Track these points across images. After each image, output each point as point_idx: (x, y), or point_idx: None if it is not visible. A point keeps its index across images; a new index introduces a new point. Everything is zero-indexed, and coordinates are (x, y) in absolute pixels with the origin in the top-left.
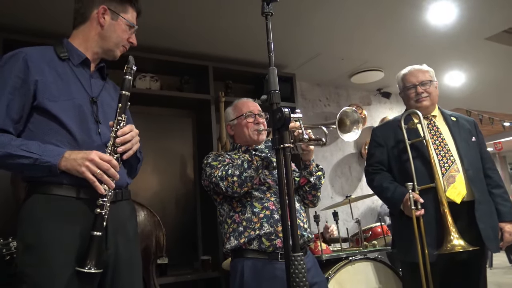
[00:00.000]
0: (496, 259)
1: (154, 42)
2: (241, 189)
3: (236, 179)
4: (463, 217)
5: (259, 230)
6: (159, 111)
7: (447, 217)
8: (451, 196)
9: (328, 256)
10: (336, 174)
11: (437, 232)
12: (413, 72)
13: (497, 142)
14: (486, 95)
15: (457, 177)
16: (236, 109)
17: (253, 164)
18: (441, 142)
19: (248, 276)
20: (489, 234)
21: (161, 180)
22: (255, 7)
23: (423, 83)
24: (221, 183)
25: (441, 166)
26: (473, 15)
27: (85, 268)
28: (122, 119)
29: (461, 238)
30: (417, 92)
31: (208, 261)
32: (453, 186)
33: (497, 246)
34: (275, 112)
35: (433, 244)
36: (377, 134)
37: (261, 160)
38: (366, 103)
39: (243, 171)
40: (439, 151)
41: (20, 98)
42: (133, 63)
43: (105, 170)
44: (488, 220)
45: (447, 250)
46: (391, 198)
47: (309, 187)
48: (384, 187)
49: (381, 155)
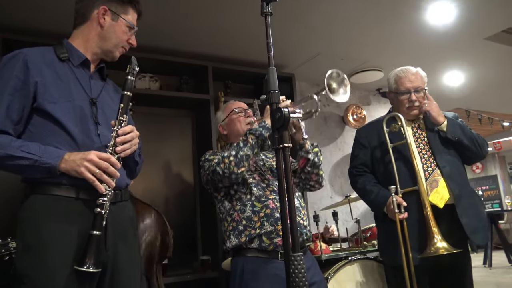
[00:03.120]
0: (495, 258)
1: (153, 42)
2: (238, 168)
3: (232, 159)
4: (447, 220)
5: (260, 229)
6: (158, 111)
7: (430, 220)
8: (434, 201)
9: (327, 256)
10: (335, 174)
11: (421, 235)
12: (408, 76)
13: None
14: (486, 95)
15: (440, 182)
16: (226, 110)
17: (248, 143)
18: (425, 146)
19: (248, 274)
20: (473, 226)
21: (160, 180)
22: (254, 7)
23: (418, 89)
24: (218, 167)
25: (424, 170)
26: (472, 15)
27: (84, 267)
28: (123, 119)
29: (444, 240)
30: (411, 99)
31: (207, 261)
32: (436, 191)
33: (484, 236)
34: (274, 112)
35: (416, 247)
36: (361, 135)
37: (256, 138)
38: (366, 103)
39: (239, 150)
40: (422, 155)
41: (20, 99)
42: (136, 63)
43: (104, 168)
44: (471, 212)
45: (431, 253)
46: (374, 200)
47: (310, 166)
48: (367, 190)
49: (364, 157)
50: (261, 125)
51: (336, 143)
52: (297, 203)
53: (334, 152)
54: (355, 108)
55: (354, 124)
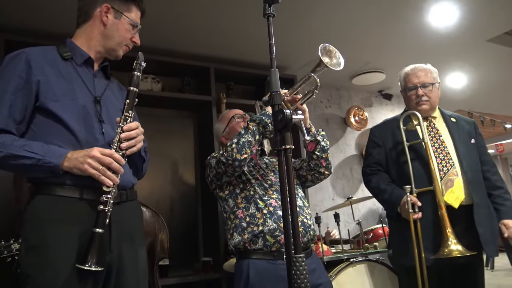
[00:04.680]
0: (497, 261)
1: (155, 43)
2: (240, 155)
3: (234, 146)
4: (461, 221)
5: (263, 226)
6: (160, 112)
7: (445, 221)
8: (449, 201)
9: (329, 257)
10: (337, 175)
11: (435, 236)
12: (416, 72)
13: (499, 144)
14: (488, 97)
15: (455, 181)
16: (223, 120)
17: (249, 129)
18: (440, 145)
19: (253, 277)
20: (487, 238)
21: (162, 181)
22: (256, 9)
23: (425, 85)
24: (222, 157)
25: (440, 170)
26: (474, 17)
27: (85, 265)
28: (129, 115)
29: (458, 243)
30: (418, 94)
31: (209, 263)
32: (451, 191)
33: (495, 249)
34: (276, 114)
35: (430, 248)
36: (375, 134)
37: (257, 124)
38: (368, 105)
39: (240, 137)
40: (438, 154)
41: (22, 98)
42: (143, 59)
43: (108, 164)
44: (487, 224)
45: (444, 255)
46: (388, 200)
47: (319, 151)
48: (381, 189)
49: (378, 156)
50: (261, 113)
51: (337, 144)
52: (300, 202)
53: (336, 154)
54: (357, 109)
55: (356, 125)
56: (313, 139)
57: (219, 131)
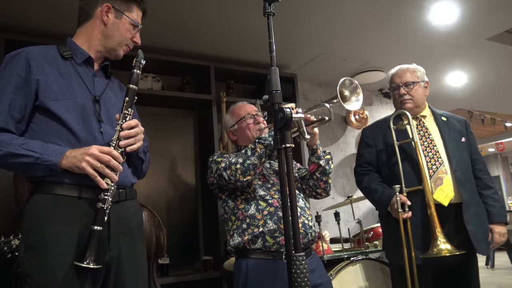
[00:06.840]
0: (498, 259)
1: (156, 42)
2: (243, 177)
3: (239, 167)
4: (451, 220)
5: (263, 227)
6: (160, 111)
7: (434, 220)
8: (439, 199)
9: (329, 256)
10: (337, 174)
11: (425, 235)
12: (399, 72)
13: (499, 142)
14: (488, 95)
15: (444, 179)
16: (234, 114)
17: (256, 152)
18: (430, 143)
19: (252, 276)
20: (478, 236)
21: (162, 180)
22: (256, 7)
23: (407, 84)
24: (224, 172)
25: (429, 168)
26: (474, 16)
27: (84, 263)
28: (128, 113)
29: (447, 242)
30: (400, 93)
31: (209, 261)
32: (440, 189)
33: (486, 247)
34: (276, 112)
35: (420, 247)
36: (367, 134)
37: (265, 148)
38: (368, 104)
39: (246, 159)
40: (427, 153)
41: (22, 97)
42: (142, 57)
43: (106, 162)
44: (477, 221)
45: (433, 254)
46: (378, 199)
47: (320, 173)
48: (372, 189)
49: (369, 156)
50: (270, 134)
51: (338, 143)
52: (301, 203)
53: (336, 153)
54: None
55: (356, 124)
56: (316, 161)
57: (228, 124)
